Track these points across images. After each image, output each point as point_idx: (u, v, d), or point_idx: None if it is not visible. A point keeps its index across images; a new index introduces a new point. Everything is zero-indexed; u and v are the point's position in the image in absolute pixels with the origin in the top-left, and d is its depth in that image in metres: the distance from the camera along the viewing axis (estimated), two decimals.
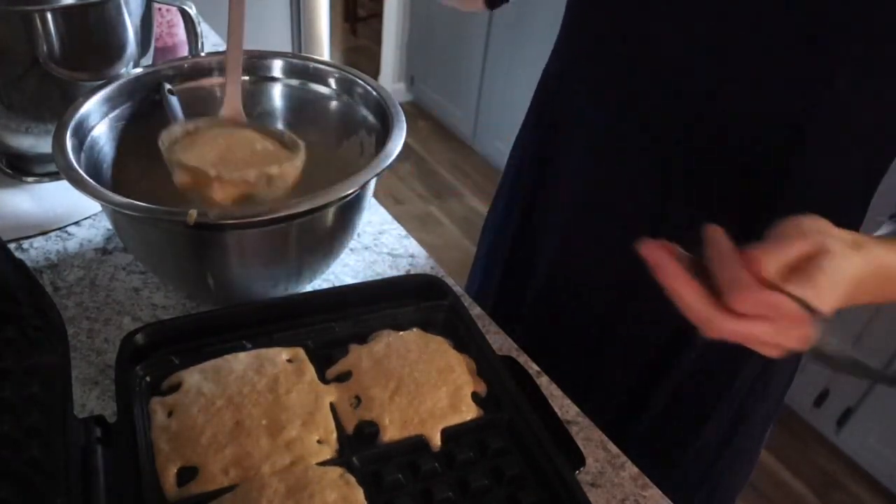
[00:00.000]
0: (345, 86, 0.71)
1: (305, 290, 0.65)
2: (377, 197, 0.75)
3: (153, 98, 0.68)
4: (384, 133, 0.64)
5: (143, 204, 0.53)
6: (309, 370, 0.53)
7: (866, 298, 0.42)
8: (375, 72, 3.29)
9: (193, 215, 0.50)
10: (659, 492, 0.54)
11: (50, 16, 0.62)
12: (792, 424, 1.84)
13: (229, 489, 0.44)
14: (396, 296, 0.60)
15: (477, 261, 0.90)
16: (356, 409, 0.51)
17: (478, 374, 0.55)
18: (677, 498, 0.55)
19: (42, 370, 0.43)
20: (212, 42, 1.17)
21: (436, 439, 0.49)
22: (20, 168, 0.76)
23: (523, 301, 0.79)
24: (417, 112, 3.19)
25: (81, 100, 0.62)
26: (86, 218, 0.75)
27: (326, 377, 0.53)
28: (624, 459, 0.57)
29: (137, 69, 0.69)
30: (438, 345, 0.56)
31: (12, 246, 0.70)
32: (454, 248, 2.43)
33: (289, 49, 2.40)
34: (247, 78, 0.72)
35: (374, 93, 0.68)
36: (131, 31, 0.69)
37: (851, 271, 0.39)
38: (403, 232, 0.79)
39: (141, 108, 0.67)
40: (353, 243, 0.76)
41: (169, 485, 0.45)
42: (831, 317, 0.38)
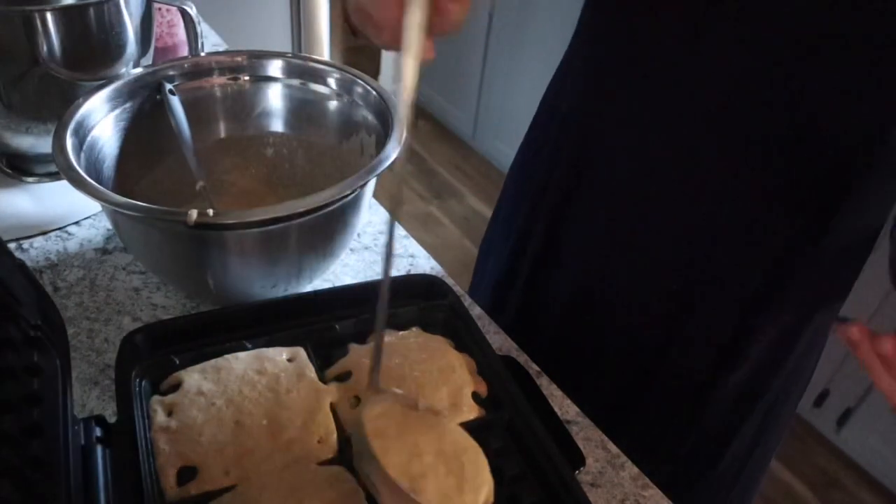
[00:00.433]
0: (345, 86, 0.71)
1: (305, 290, 0.65)
2: (377, 197, 0.75)
3: (154, 98, 0.68)
4: (384, 133, 0.64)
5: (143, 204, 0.53)
6: (309, 370, 0.53)
7: None
8: (375, 72, 3.28)
9: (193, 215, 0.50)
10: (659, 492, 0.54)
11: (50, 16, 0.62)
12: (792, 424, 1.84)
13: (229, 489, 0.44)
14: (396, 296, 0.60)
15: (483, 276, 0.84)
16: (356, 410, 0.51)
17: (478, 374, 0.55)
18: None
19: (42, 370, 0.43)
20: (212, 42, 1.17)
21: None
22: (20, 168, 0.76)
23: (542, 324, 0.74)
24: (417, 112, 3.18)
25: (81, 100, 0.62)
26: (86, 218, 0.75)
27: (326, 377, 0.53)
28: (624, 459, 0.57)
29: (137, 69, 0.69)
30: (439, 344, 0.56)
31: (12, 246, 0.70)
32: (454, 248, 2.43)
33: (289, 49, 2.40)
34: (247, 78, 0.72)
35: (374, 93, 0.68)
36: (131, 31, 0.69)
37: None
38: (403, 232, 0.79)
39: (141, 108, 0.67)
40: (353, 243, 0.76)
41: (169, 485, 0.45)
42: None
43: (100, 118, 0.63)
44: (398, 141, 0.61)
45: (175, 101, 0.67)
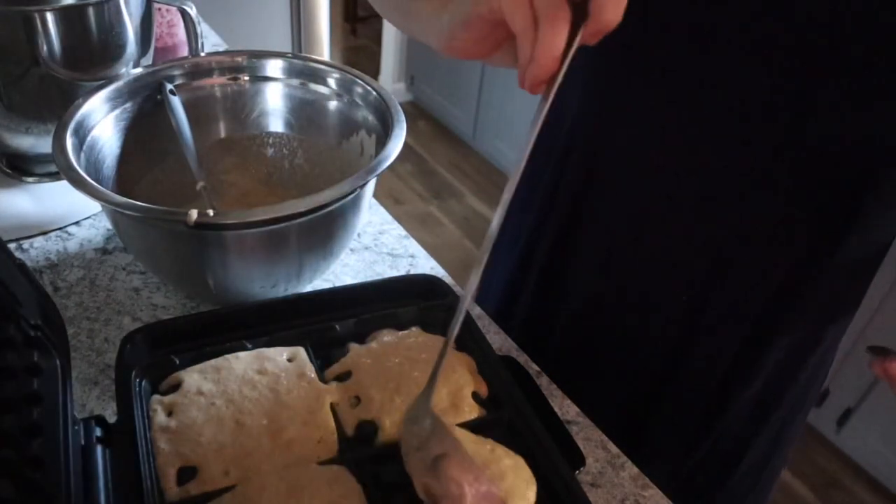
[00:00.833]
0: (345, 86, 0.71)
1: (305, 290, 0.65)
2: (377, 197, 0.75)
3: (154, 98, 0.68)
4: (384, 133, 0.64)
5: (143, 204, 0.53)
6: (309, 370, 0.52)
7: None
8: (375, 72, 3.29)
9: (193, 215, 0.50)
10: (659, 492, 0.54)
11: (50, 16, 0.62)
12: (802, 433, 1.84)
13: (229, 489, 0.44)
14: (396, 296, 0.60)
15: (490, 283, 0.82)
16: (356, 409, 0.51)
17: (478, 374, 0.55)
18: None
19: (42, 370, 0.43)
20: (212, 42, 1.17)
21: None
22: (20, 168, 0.76)
23: (550, 334, 0.73)
24: (417, 112, 3.19)
25: (81, 100, 0.62)
26: (86, 218, 0.75)
27: (326, 377, 0.53)
28: (624, 459, 0.57)
29: (137, 69, 0.69)
30: (439, 344, 0.56)
31: (12, 246, 0.70)
32: (454, 248, 2.43)
33: (289, 49, 2.41)
34: (247, 78, 0.72)
35: (374, 93, 0.68)
36: (131, 31, 0.69)
37: None
38: (403, 232, 0.79)
39: (141, 108, 0.67)
40: (353, 243, 0.76)
41: (169, 485, 0.45)
42: None
43: (100, 118, 0.63)
44: (397, 140, 0.61)
45: (176, 101, 0.67)
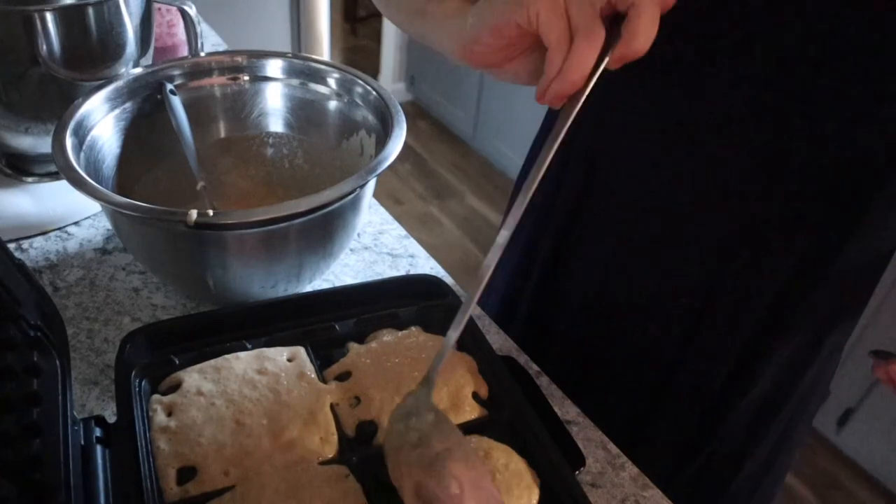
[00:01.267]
0: (345, 86, 0.71)
1: (305, 290, 0.65)
2: (377, 197, 0.75)
3: (154, 98, 0.68)
4: (384, 133, 0.64)
5: (143, 204, 0.53)
6: (309, 370, 0.52)
7: None
8: (375, 72, 3.29)
9: (193, 215, 0.50)
10: (659, 492, 0.54)
11: (50, 16, 0.62)
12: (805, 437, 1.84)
13: (229, 489, 0.44)
14: (396, 296, 0.60)
15: (491, 286, 0.80)
16: (356, 410, 0.51)
17: (478, 374, 0.55)
18: None
19: (42, 370, 0.43)
20: (212, 42, 1.17)
21: None
22: (20, 168, 0.76)
23: (551, 337, 0.73)
24: (417, 112, 3.19)
25: (81, 100, 0.62)
26: (85, 218, 0.75)
27: (326, 377, 0.53)
28: (624, 459, 0.57)
29: (137, 69, 0.69)
30: (439, 344, 0.56)
31: (12, 246, 0.70)
32: (454, 248, 2.43)
33: (289, 49, 2.41)
34: (247, 78, 0.72)
35: (374, 93, 0.68)
36: (131, 31, 0.69)
37: None
38: (403, 232, 0.79)
39: (141, 108, 0.67)
40: (353, 243, 0.76)
41: (169, 485, 0.45)
42: None
43: (100, 118, 0.63)
44: (397, 141, 0.61)
45: (176, 101, 0.67)
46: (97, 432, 0.46)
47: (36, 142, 0.71)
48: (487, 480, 0.40)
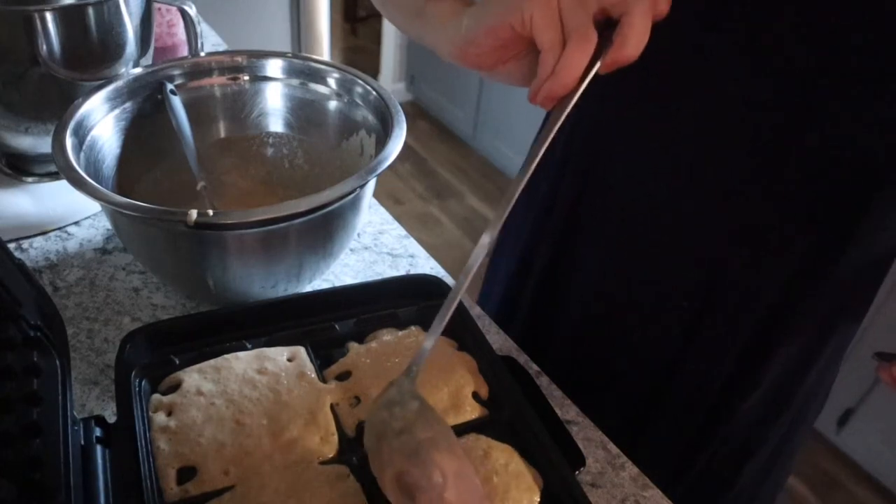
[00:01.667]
0: (345, 86, 0.71)
1: (305, 290, 0.65)
2: (377, 197, 0.75)
3: (154, 98, 0.68)
4: (384, 133, 0.64)
5: (143, 204, 0.53)
6: (309, 370, 0.53)
7: None
8: (375, 72, 3.29)
9: (193, 215, 0.50)
10: (659, 492, 0.54)
11: (50, 16, 0.62)
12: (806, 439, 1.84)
13: (229, 489, 0.44)
14: (396, 296, 0.60)
15: (492, 287, 0.82)
16: (356, 409, 0.51)
17: (479, 374, 0.55)
18: None
19: (42, 370, 0.43)
20: (211, 42, 1.17)
21: None
22: (20, 168, 0.76)
23: (551, 339, 0.73)
24: (417, 112, 3.19)
25: (81, 100, 0.62)
26: (86, 218, 0.75)
27: (326, 377, 0.53)
28: (624, 459, 0.57)
29: (137, 69, 0.69)
30: (439, 344, 0.55)
31: (12, 246, 0.70)
32: (454, 248, 2.43)
33: (289, 49, 2.41)
34: (247, 78, 0.72)
35: (374, 93, 0.68)
36: (131, 31, 0.69)
37: None
38: (403, 232, 0.79)
39: (141, 108, 0.67)
40: (353, 243, 0.76)
41: (169, 485, 0.45)
42: None
43: (100, 118, 0.63)
44: (397, 141, 0.61)
45: (176, 101, 0.67)
46: (97, 432, 0.46)
47: (36, 142, 0.71)
48: (471, 470, 0.40)
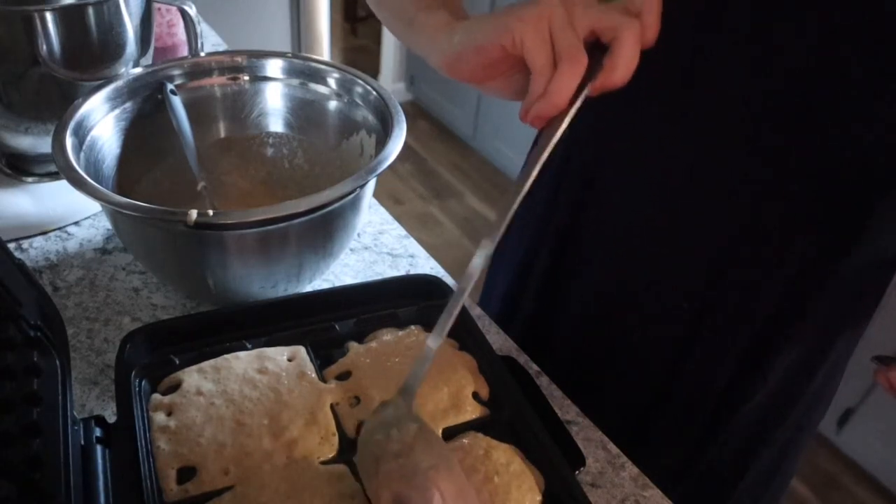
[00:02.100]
0: (345, 86, 0.71)
1: (305, 290, 0.65)
2: (377, 197, 0.75)
3: (154, 98, 0.68)
4: (384, 133, 0.64)
5: (143, 204, 0.53)
6: (309, 370, 0.52)
7: None
8: (375, 72, 3.29)
9: (193, 215, 0.50)
10: (659, 492, 0.54)
11: (50, 16, 0.62)
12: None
13: (229, 489, 0.44)
14: (396, 296, 0.60)
15: (492, 290, 0.82)
16: (356, 409, 0.51)
17: (479, 374, 0.55)
18: None
19: (42, 370, 0.43)
20: (211, 42, 1.17)
21: None
22: (20, 168, 0.76)
23: (552, 336, 0.73)
24: (417, 112, 3.19)
25: (81, 100, 0.62)
26: (86, 218, 0.75)
27: (326, 377, 0.53)
28: (624, 460, 0.57)
29: (137, 69, 0.69)
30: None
31: (12, 246, 0.70)
32: (454, 248, 2.43)
33: (289, 49, 2.41)
34: (247, 78, 0.72)
35: (374, 93, 0.68)
36: (131, 31, 0.69)
37: None
38: (403, 232, 0.79)
39: (141, 108, 0.67)
40: (353, 243, 0.76)
41: (169, 485, 0.45)
42: None
43: (100, 118, 0.63)
44: (397, 141, 0.61)
45: (177, 101, 0.67)
46: (97, 432, 0.46)
47: (36, 142, 0.71)
48: (472, 495, 0.40)
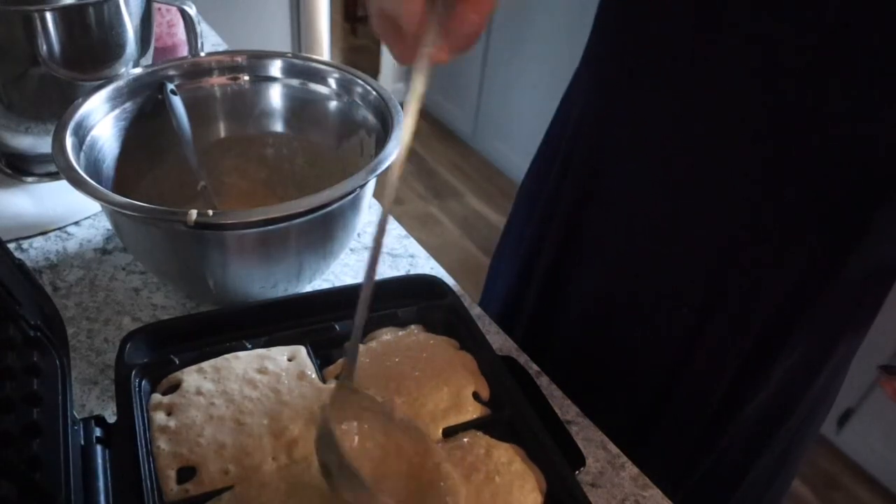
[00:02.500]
0: (345, 86, 0.71)
1: (305, 290, 0.65)
2: (377, 197, 0.75)
3: (154, 98, 0.68)
4: (384, 133, 0.64)
5: (143, 204, 0.53)
6: (309, 369, 0.52)
7: None
8: (375, 72, 3.28)
9: (193, 215, 0.50)
10: (659, 492, 0.54)
11: (50, 16, 0.62)
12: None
13: (229, 489, 0.44)
14: (396, 296, 0.60)
15: (493, 292, 0.81)
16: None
17: (479, 374, 0.55)
18: None
19: (42, 370, 0.43)
20: (211, 42, 1.17)
21: (436, 439, 0.49)
22: (20, 168, 0.76)
23: (553, 337, 0.73)
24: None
25: (81, 100, 0.62)
26: (86, 218, 0.75)
27: (326, 377, 0.53)
28: (624, 460, 0.57)
29: (137, 69, 0.69)
30: (439, 344, 0.56)
31: (12, 246, 0.70)
32: (454, 248, 2.43)
33: (289, 49, 2.41)
34: (247, 78, 0.72)
35: (374, 93, 0.68)
36: (131, 31, 0.69)
37: None
38: (403, 232, 0.79)
39: (141, 108, 0.67)
40: (353, 243, 0.76)
41: (169, 485, 0.45)
42: None
43: (100, 118, 0.63)
44: (397, 141, 0.61)
45: (177, 101, 0.67)
46: (97, 432, 0.46)
47: (36, 142, 0.71)
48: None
